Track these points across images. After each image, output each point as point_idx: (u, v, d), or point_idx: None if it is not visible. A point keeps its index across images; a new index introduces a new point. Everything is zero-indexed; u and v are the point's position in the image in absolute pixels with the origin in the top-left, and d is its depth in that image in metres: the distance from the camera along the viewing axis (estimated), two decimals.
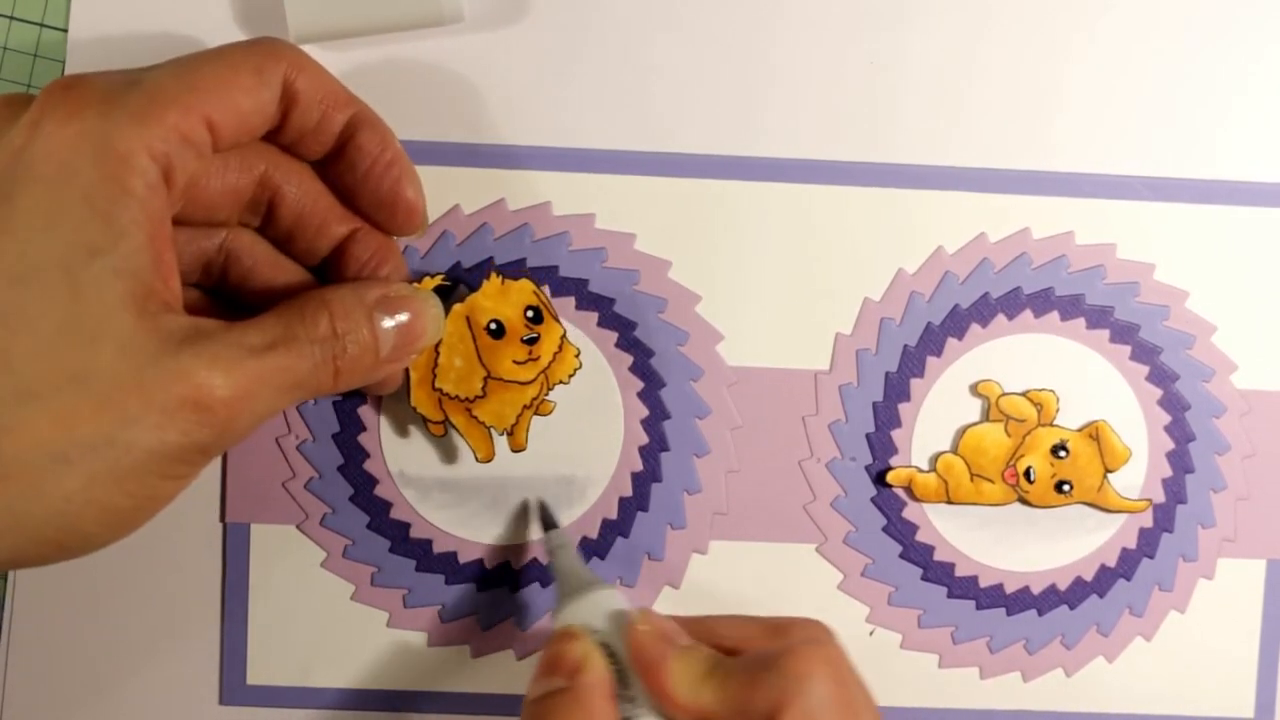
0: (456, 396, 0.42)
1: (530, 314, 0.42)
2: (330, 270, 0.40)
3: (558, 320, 0.42)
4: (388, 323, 0.37)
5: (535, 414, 0.42)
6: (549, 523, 0.43)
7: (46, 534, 0.32)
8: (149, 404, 0.32)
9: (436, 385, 0.41)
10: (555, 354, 0.42)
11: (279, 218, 0.39)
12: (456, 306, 0.41)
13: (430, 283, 0.41)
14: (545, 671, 0.36)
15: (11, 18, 0.44)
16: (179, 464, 0.33)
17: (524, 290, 0.42)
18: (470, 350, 0.41)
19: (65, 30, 0.43)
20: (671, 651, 0.36)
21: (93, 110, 0.33)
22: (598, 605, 0.38)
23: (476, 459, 0.43)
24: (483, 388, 0.42)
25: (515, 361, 0.41)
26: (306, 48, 0.41)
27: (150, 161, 0.33)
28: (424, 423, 0.42)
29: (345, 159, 0.38)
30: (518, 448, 0.42)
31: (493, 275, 0.42)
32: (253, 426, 0.34)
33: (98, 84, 0.33)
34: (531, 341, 0.41)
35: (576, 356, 0.42)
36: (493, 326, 0.41)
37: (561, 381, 0.42)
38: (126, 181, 0.32)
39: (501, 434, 0.42)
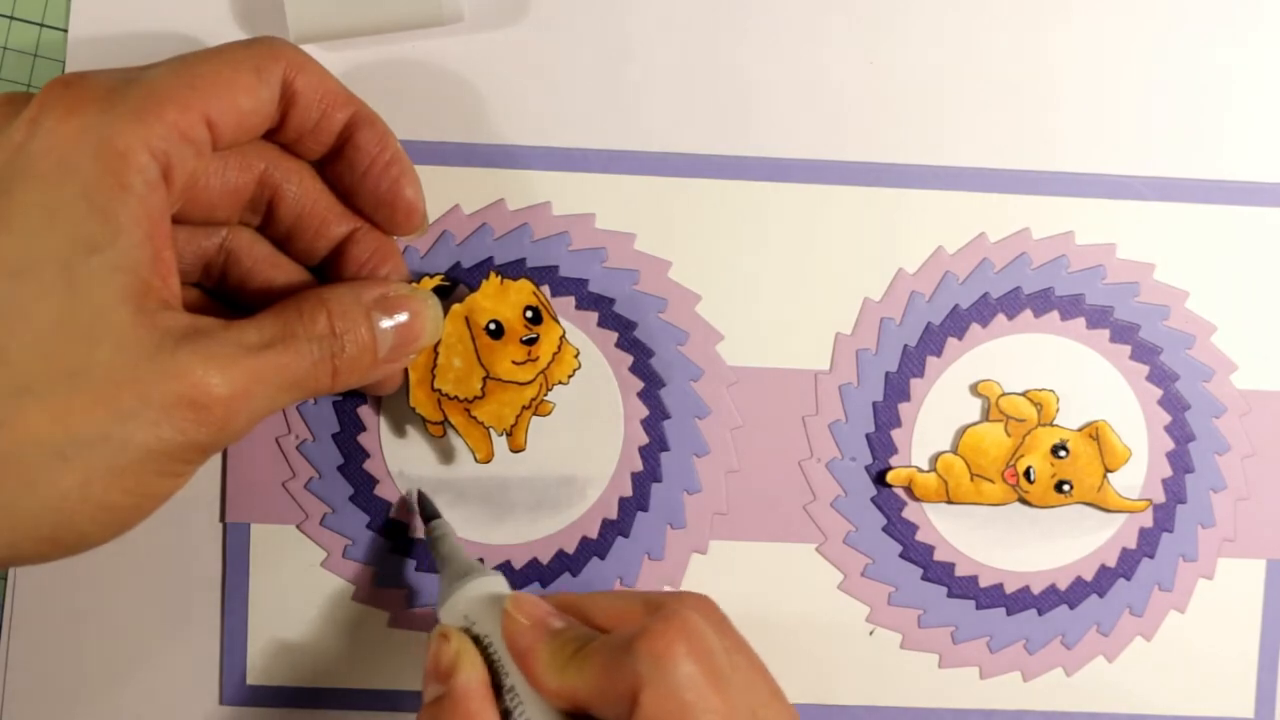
0: (455, 397, 0.41)
1: (529, 314, 0.42)
2: (330, 270, 0.40)
3: (557, 320, 0.42)
4: (386, 322, 0.37)
5: (534, 414, 0.42)
6: (428, 513, 0.43)
7: (42, 531, 0.32)
8: (146, 401, 0.32)
9: (435, 386, 0.41)
10: (554, 354, 0.42)
11: (279, 217, 0.39)
12: (455, 307, 0.41)
13: (429, 283, 0.41)
14: (427, 677, 0.36)
15: (11, 18, 0.44)
16: (176, 461, 0.33)
17: (523, 290, 0.42)
18: (469, 350, 0.41)
19: (65, 30, 0.43)
20: (543, 636, 0.35)
21: (92, 107, 0.32)
22: (479, 594, 0.38)
23: (476, 459, 0.42)
24: (482, 388, 0.41)
25: (514, 362, 0.41)
26: (306, 48, 0.41)
27: (149, 159, 0.33)
28: (423, 423, 0.42)
29: (345, 158, 0.38)
30: (517, 448, 0.42)
31: (492, 275, 0.42)
32: (250, 425, 0.34)
33: (97, 81, 0.33)
34: (530, 342, 0.41)
35: (576, 357, 0.42)
36: (492, 327, 0.41)
37: (560, 382, 0.42)
38: (125, 178, 0.32)
39: (501, 434, 0.42)
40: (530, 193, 0.43)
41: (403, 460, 0.44)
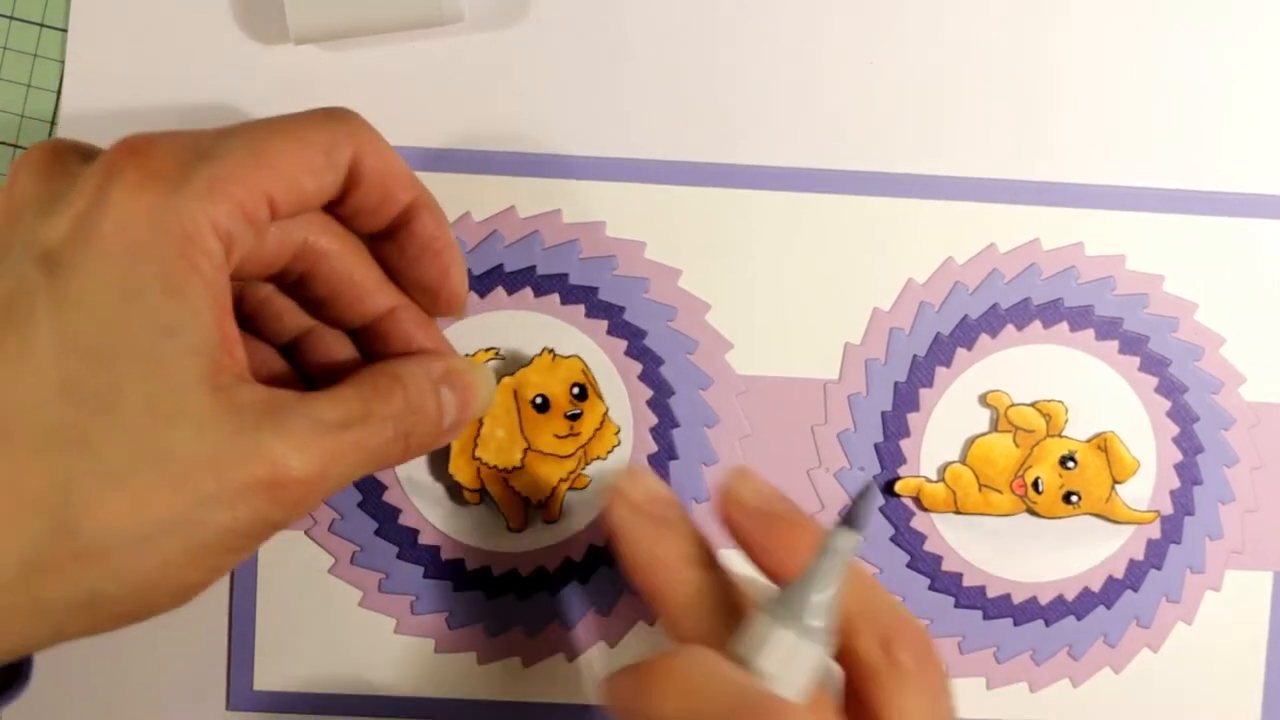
0: (495, 466, 0.42)
1: (576, 390, 0.42)
2: (364, 336, 0.39)
3: (601, 398, 0.42)
4: (449, 396, 0.37)
5: (571, 487, 0.43)
6: (852, 519, 0.34)
7: (121, 610, 0.32)
8: (225, 483, 0.31)
9: (476, 454, 0.42)
10: (596, 430, 0.42)
11: (310, 288, 0.38)
12: (505, 380, 0.42)
13: (483, 356, 0.42)
14: None
15: (11, 18, 0.43)
16: (248, 539, 0.33)
17: (573, 368, 0.42)
18: (514, 422, 0.42)
19: (65, 30, 0.43)
20: None
21: (163, 185, 0.32)
22: (788, 648, 0.33)
23: (509, 528, 0.43)
24: (521, 459, 0.42)
25: (556, 435, 0.42)
26: (306, 48, 0.41)
27: (216, 242, 0.32)
28: (460, 490, 0.43)
29: (396, 241, 0.37)
30: (550, 518, 0.43)
31: (544, 352, 0.42)
32: (321, 502, 0.34)
33: (168, 153, 0.32)
34: (574, 417, 0.42)
35: (616, 435, 0.43)
36: (538, 401, 0.42)
37: (599, 457, 0.43)
38: (195, 260, 0.32)
39: (535, 505, 0.43)
40: (540, 200, 0.43)
41: (411, 466, 0.44)
